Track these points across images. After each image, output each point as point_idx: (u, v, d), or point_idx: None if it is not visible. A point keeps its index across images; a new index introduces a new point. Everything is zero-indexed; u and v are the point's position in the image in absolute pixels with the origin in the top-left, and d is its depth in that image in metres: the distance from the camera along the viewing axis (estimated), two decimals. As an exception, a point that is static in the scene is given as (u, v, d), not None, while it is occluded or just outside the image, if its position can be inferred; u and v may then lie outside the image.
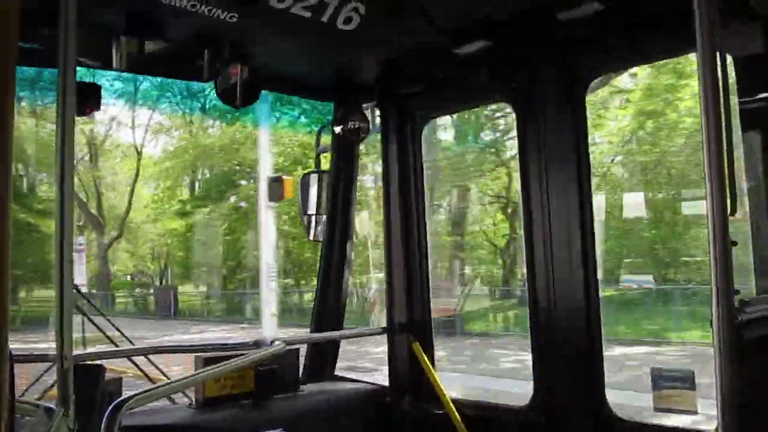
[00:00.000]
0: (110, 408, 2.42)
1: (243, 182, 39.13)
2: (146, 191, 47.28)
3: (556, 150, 3.62)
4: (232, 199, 39.70)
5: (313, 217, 4.55)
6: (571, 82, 3.54)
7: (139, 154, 44.61)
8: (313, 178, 4.53)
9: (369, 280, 26.71)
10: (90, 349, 3.77)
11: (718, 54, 2.07)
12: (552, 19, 3.28)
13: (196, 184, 45.57)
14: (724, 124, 2.05)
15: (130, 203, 44.96)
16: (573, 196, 3.57)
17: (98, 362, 3.26)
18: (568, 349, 3.59)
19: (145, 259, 49.52)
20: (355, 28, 3.43)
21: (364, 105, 4.41)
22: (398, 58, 4.00)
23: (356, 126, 4.32)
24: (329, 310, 4.58)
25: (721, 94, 2.08)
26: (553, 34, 3.48)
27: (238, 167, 39.14)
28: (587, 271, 3.54)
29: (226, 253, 40.31)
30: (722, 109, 2.06)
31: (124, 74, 7.10)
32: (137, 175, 44.55)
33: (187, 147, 42.31)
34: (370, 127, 4.36)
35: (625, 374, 12.81)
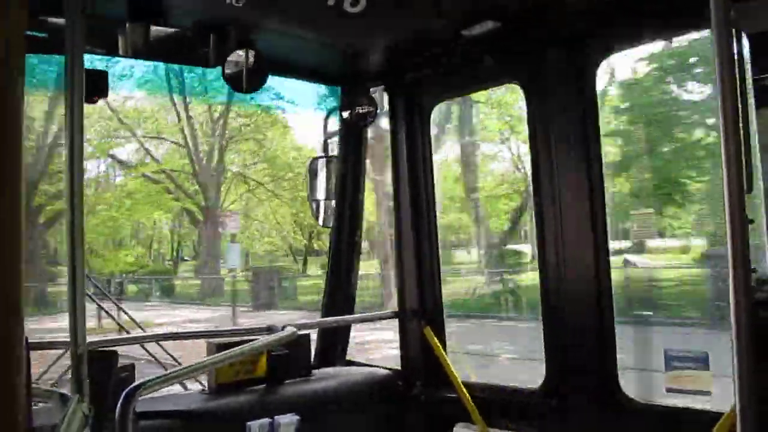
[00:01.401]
0: (124, 394, 2.44)
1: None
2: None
3: (566, 131, 3.59)
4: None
5: (322, 203, 4.55)
6: (582, 61, 3.50)
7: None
8: (321, 163, 4.53)
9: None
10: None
11: (733, 31, 2.04)
12: None
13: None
14: (740, 101, 2.03)
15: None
16: (583, 179, 3.54)
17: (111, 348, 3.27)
18: (579, 331, 3.58)
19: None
20: (362, 10, 3.40)
21: (372, 89, 4.38)
22: (406, 41, 3.97)
23: (364, 110, 4.29)
24: (340, 295, 4.58)
25: (737, 71, 2.05)
26: (562, 14, 3.44)
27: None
28: (598, 253, 3.52)
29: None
30: (738, 87, 2.04)
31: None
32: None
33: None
34: (378, 111, 4.33)
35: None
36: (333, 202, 4.53)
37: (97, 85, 3.20)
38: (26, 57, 1.11)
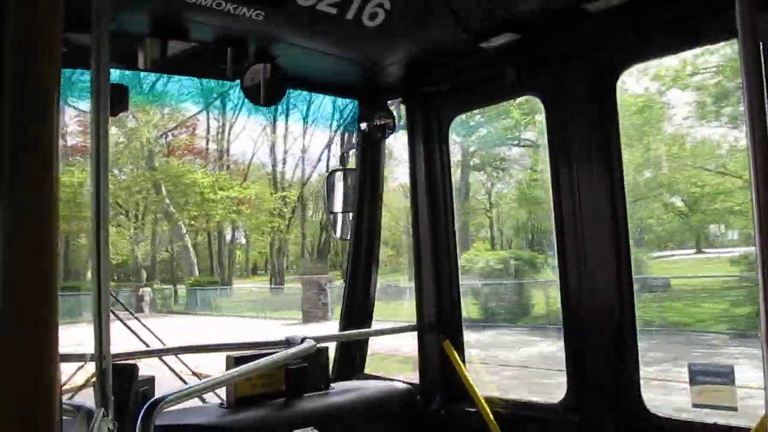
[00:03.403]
0: (145, 407, 2.43)
1: None
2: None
3: (587, 143, 3.56)
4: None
5: (339, 215, 4.56)
6: (602, 73, 3.47)
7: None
8: (339, 176, 4.54)
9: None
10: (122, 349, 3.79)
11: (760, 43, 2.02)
12: (580, 11, 3.23)
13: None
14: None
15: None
16: (604, 191, 3.50)
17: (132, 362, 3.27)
18: (601, 346, 3.54)
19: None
20: (380, 24, 3.41)
21: (390, 102, 4.39)
22: (424, 53, 3.97)
23: (382, 123, 4.30)
24: (358, 308, 4.57)
25: (764, 81, 2.03)
26: (581, 26, 3.42)
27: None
28: (620, 265, 3.48)
29: None
30: (765, 97, 2.02)
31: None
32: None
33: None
34: (396, 123, 4.34)
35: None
36: (351, 215, 4.53)
37: (118, 99, 3.23)
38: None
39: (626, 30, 3.35)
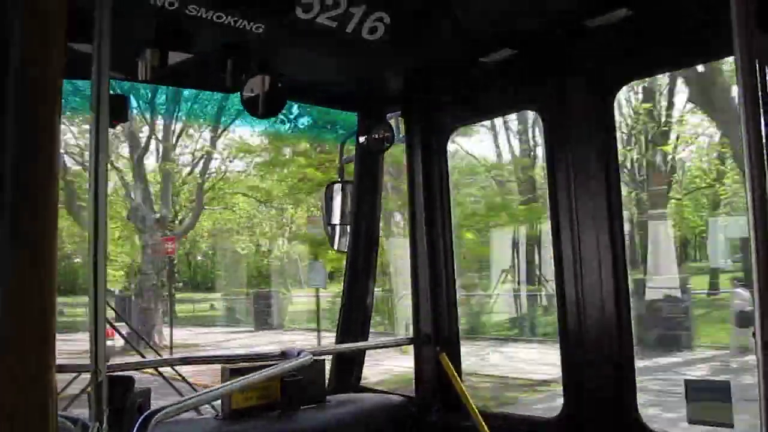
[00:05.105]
0: (140, 420, 2.41)
1: None
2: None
3: (585, 158, 3.58)
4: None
5: (337, 227, 4.56)
6: (600, 88, 3.50)
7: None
8: (337, 188, 4.55)
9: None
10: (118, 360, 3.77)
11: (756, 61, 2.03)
12: (581, 26, 3.26)
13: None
14: (763, 129, 2.02)
15: None
16: (602, 205, 3.52)
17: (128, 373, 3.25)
18: (598, 360, 3.53)
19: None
20: (379, 38, 3.43)
21: (389, 115, 4.41)
22: (423, 67, 3.99)
23: (381, 136, 4.32)
24: (355, 320, 4.56)
25: (760, 99, 2.05)
26: (581, 42, 3.45)
27: None
28: (617, 281, 3.49)
29: None
30: (761, 115, 2.03)
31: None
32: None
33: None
34: (395, 136, 4.35)
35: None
36: (348, 228, 4.53)
37: (117, 110, 3.23)
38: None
39: (625, 46, 3.38)
